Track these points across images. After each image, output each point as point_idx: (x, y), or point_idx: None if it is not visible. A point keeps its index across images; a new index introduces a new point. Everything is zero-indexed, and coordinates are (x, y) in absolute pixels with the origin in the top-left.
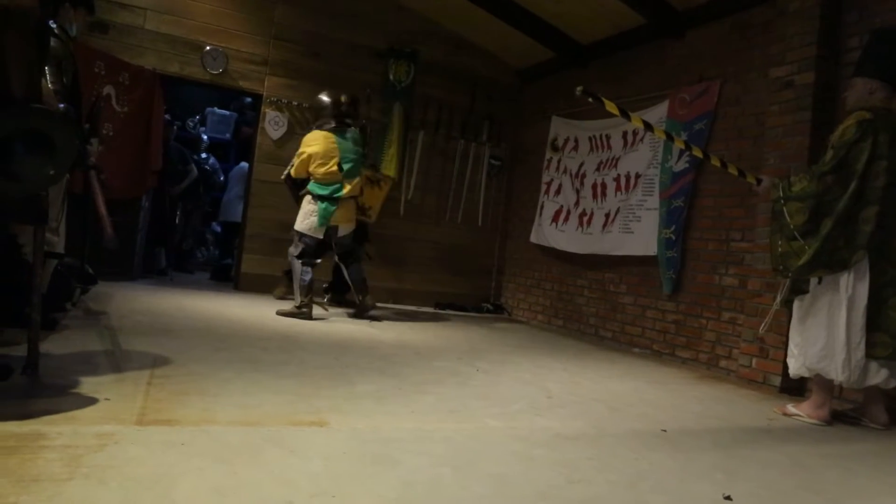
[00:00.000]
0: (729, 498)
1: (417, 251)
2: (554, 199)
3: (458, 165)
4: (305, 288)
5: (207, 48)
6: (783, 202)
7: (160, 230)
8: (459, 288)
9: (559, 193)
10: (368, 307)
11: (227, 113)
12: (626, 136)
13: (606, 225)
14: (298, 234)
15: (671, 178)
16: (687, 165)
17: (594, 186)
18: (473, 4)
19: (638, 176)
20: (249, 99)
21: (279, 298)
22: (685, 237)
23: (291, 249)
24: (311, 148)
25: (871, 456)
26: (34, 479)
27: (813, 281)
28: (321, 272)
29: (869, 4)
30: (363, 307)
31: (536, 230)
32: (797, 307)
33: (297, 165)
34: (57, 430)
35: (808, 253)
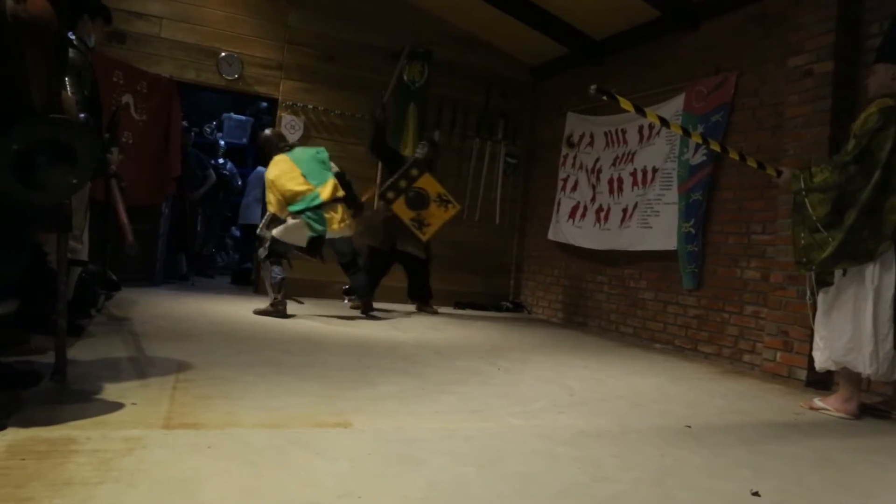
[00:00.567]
0: (757, 494)
1: (435, 251)
2: (570, 195)
3: (473, 164)
4: (277, 285)
5: (223, 54)
6: (805, 194)
7: (180, 236)
8: (478, 287)
9: (575, 190)
10: (365, 309)
11: (243, 118)
12: (641, 130)
13: (624, 220)
14: (273, 239)
15: (689, 171)
16: (704, 158)
17: (610, 182)
18: (486, 3)
19: (655, 170)
20: (265, 103)
21: (353, 308)
22: (705, 231)
23: (260, 252)
24: (272, 173)
25: None
26: (66, 482)
27: (838, 273)
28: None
29: None
30: (365, 309)
31: (554, 227)
32: (822, 300)
33: (273, 193)
34: (86, 434)
35: (832, 245)
